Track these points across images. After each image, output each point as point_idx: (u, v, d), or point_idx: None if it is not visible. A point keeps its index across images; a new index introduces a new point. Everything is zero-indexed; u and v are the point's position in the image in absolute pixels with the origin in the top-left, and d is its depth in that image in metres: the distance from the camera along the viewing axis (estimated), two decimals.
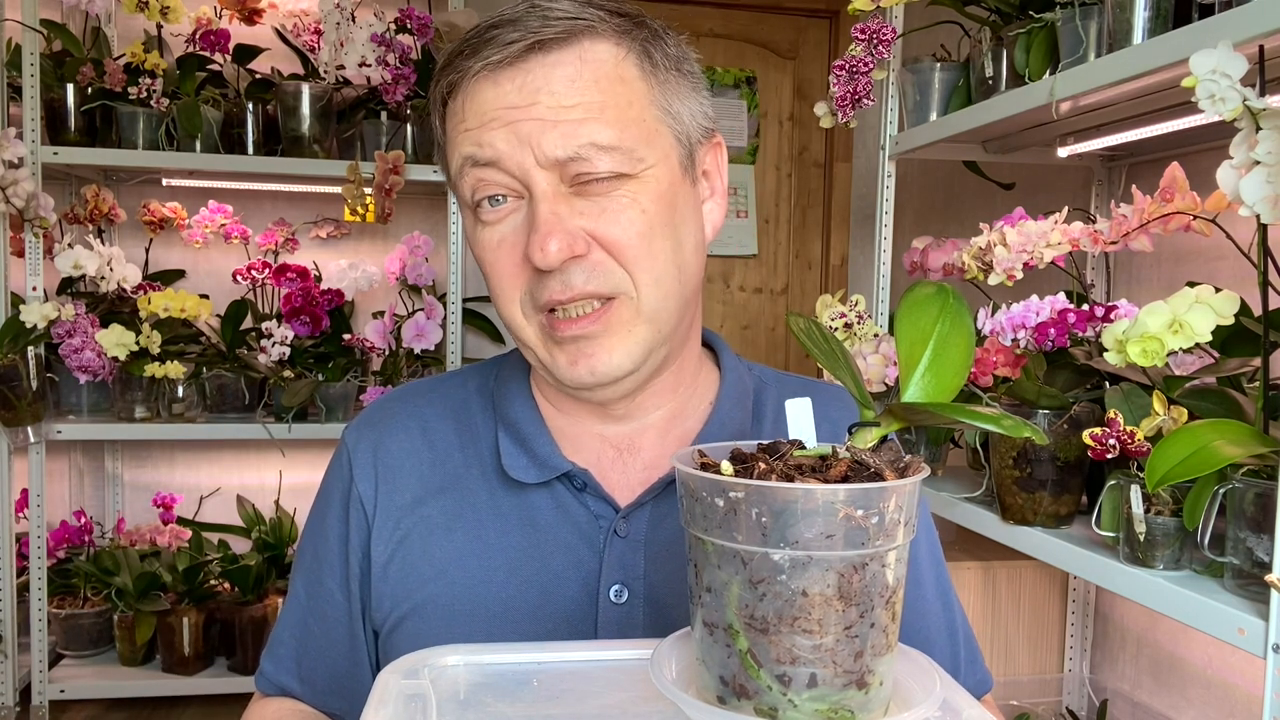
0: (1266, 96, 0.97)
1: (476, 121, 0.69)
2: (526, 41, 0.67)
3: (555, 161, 0.67)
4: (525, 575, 0.75)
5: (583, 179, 0.68)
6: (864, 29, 1.81)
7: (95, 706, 2.52)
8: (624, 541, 0.75)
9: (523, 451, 0.77)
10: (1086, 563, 1.30)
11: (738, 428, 0.79)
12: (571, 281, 0.68)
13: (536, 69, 0.68)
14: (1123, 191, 2.03)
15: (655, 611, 0.74)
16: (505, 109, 0.68)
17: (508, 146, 0.68)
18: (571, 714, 0.55)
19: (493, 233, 0.71)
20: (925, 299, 0.56)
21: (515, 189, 0.69)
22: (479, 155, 0.69)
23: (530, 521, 0.76)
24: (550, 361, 0.72)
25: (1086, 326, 1.37)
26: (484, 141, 0.68)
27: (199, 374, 2.49)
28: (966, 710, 0.53)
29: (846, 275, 3.33)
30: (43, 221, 2.27)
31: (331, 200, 2.85)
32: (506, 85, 0.68)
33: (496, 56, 0.68)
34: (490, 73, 0.68)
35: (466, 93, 0.70)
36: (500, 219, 0.70)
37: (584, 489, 0.76)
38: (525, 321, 0.72)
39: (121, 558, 2.53)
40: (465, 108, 0.70)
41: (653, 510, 0.76)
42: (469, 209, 0.72)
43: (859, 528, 0.46)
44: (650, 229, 0.70)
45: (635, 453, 0.79)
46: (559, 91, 0.67)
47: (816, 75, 3.29)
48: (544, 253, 0.67)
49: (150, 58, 2.42)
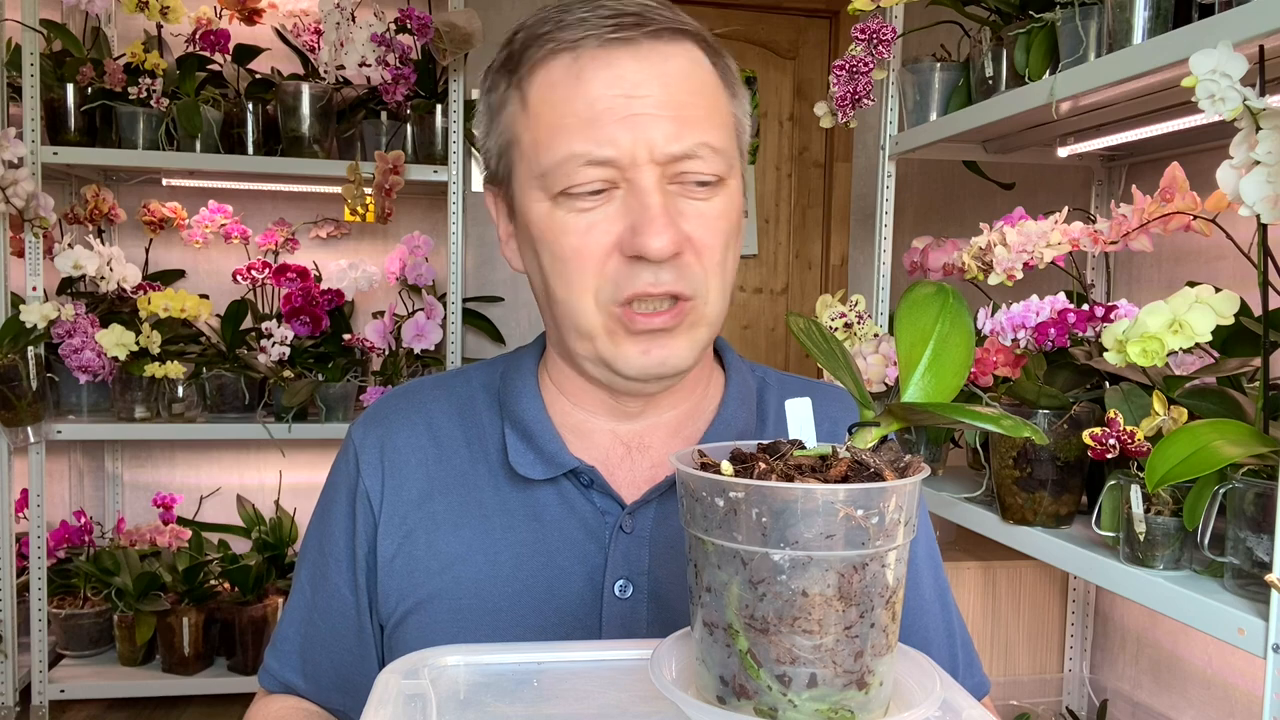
0: (1266, 96, 0.97)
1: (588, 110, 0.67)
2: (644, 20, 0.67)
3: (669, 157, 0.67)
4: (531, 570, 0.75)
5: (685, 178, 0.68)
6: (864, 29, 1.81)
7: (95, 706, 2.52)
8: (629, 537, 0.76)
9: (529, 448, 0.77)
10: (1086, 563, 1.30)
11: (743, 427, 0.80)
12: (662, 278, 0.68)
13: (651, 55, 0.67)
14: (1123, 191, 2.03)
15: (659, 607, 0.75)
16: (621, 97, 0.66)
17: (623, 137, 0.66)
18: (571, 714, 0.55)
19: (583, 219, 0.68)
20: (925, 299, 0.56)
21: (615, 180, 0.68)
22: (593, 153, 0.67)
23: (536, 517, 0.77)
24: (613, 352, 0.71)
25: (1086, 326, 1.37)
26: (602, 139, 0.66)
27: (199, 374, 2.49)
28: (966, 710, 0.53)
29: (846, 275, 3.33)
30: (43, 221, 2.27)
31: (331, 200, 2.85)
32: (622, 65, 0.67)
33: (611, 32, 0.66)
34: (605, 48, 0.67)
35: (576, 60, 0.67)
36: (592, 208, 0.68)
37: (590, 485, 0.77)
38: (595, 310, 0.70)
39: (121, 558, 2.53)
40: (575, 82, 0.67)
41: (658, 507, 0.77)
42: (546, 193, 0.69)
43: (859, 528, 0.46)
44: (728, 240, 0.71)
45: (644, 451, 0.79)
46: (674, 83, 0.67)
47: (816, 75, 3.29)
48: (660, 245, 0.66)
49: (150, 58, 2.42)
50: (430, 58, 2.54)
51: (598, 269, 0.69)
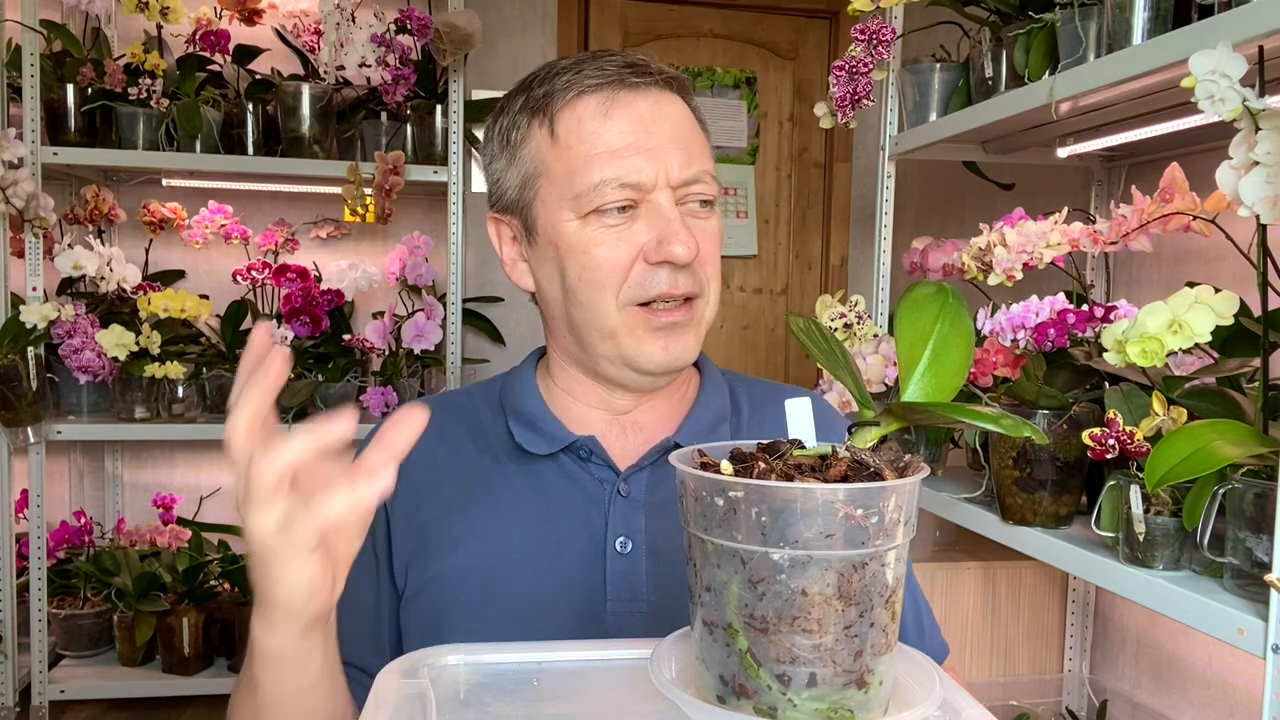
0: (1266, 97, 0.97)
1: (617, 143, 0.80)
2: (650, 71, 0.83)
3: (681, 181, 0.82)
4: (539, 535, 0.84)
5: (690, 198, 0.83)
6: (864, 29, 1.81)
7: (95, 707, 2.52)
8: (626, 501, 0.85)
9: (532, 430, 0.87)
10: (1086, 563, 1.30)
11: (720, 408, 0.92)
12: (681, 280, 0.82)
13: (660, 101, 0.83)
14: (1122, 192, 2.03)
15: (657, 560, 0.84)
16: (642, 132, 0.80)
17: (648, 168, 0.80)
18: (571, 714, 0.56)
19: (611, 233, 0.81)
20: (925, 299, 0.56)
21: (637, 200, 0.81)
22: (624, 177, 0.80)
23: (541, 489, 0.86)
24: (636, 349, 0.83)
25: (1086, 327, 1.37)
26: (630, 167, 0.80)
27: (199, 374, 2.49)
28: (966, 710, 0.53)
29: (846, 275, 3.33)
30: (43, 222, 2.27)
31: (331, 200, 2.85)
32: (640, 107, 0.82)
33: (632, 76, 0.82)
34: (626, 91, 0.82)
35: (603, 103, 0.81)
36: (621, 224, 0.81)
37: (589, 458, 0.86)
38: (616, 311, 0.82)
39: (121, 558, 2.53)
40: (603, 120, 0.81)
41: (651, 474, 0.86)
42: (576, 214, 0.81)
43: (858, 527, 0.46)
44: (719, 250, 0.87)
45: (637, 429, 0.90)
46: (678, 124, 0.83)
47: (816, 76, 3.29)
48: (684, 251, 0.79)
49: (150, 58, 2.42)
50: (430, 58, 2.54)
51: (623, 274, 0.81)
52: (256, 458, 0.54)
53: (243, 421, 0.55)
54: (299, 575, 0.57)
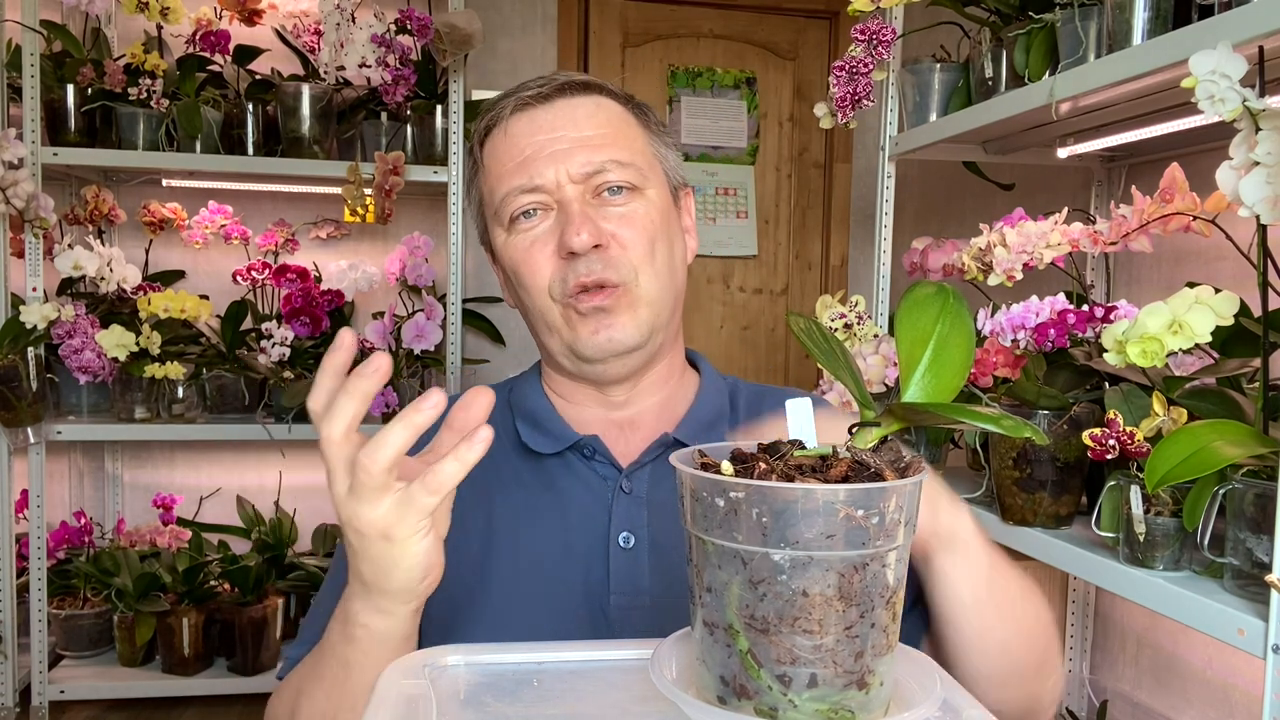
0: (1266, 97, 0.97)
1: (518, 156, 0.86)
2: (556, 83, 0.88)
3: (583, 176, 0.85)
4: (547, 529, 0.87)
5: (603, 188, 0.86)
6: (864, 30, 1.81)
7: (95, 707, 2.52)
8: (629, 497, 0.88)
9: (538, 431, 0.91)
10: (1086, 563, 1.30)
11: (718, 408, 0.94)
12: (592, 268, 0.84)
13: (563, 107, 0.87)
14: (1122, 192, 2.03)
15: (658, 555, 0.86)
16: (542, 139, 0.85)
17: (548, 170, 0.85)
18: (571, 714, 0.56)
19: (526, 237, 0.87)
20: (925, 299, 0.56)
21: (548, 204, 0.86)
22: (525, 184, 0.85)
23: (548, 486, 0.89)
24: (573, 337, 0.87)
25: (1086, 327, 1.37)
26: (529, 172, 0.85)
27: (199, 374, 2.49)
28: (966, 710, 0.53)
29: (846, 276, 3.33)
30: (43, 222, 2.27)
31: (331, 201, 2.85)
32: (540, 118, 0.86)
33: (530, 95, 0.87)
34: (525, 110, 0.87)
35: (505, 126, 0.87)
36: (533, 226, 0.87)
37: (593, 456, 0.90)
38: (552, 305, 0.86)
39: (121, 558, 2.53)
40: (505, 140, 0.87)
41: (652, 471, 0.89)
42: (503, 226, 0.88)
43: (859, 528, 0.46)
44: (653, 235, 0.87)
45: (635, 429, 0.93)
46: (581, 124, 0.86)
47: (816, 76, 3.29)
48: (579, 237, 0.82)
49: (150, 58, 2.42)
50: (430, 58, 2.54)
51: (544, 271, 0.86)
52: (364, 453, 0.57)
53: (342, 425, 0.58)
54: (415, 556, 0.60)
